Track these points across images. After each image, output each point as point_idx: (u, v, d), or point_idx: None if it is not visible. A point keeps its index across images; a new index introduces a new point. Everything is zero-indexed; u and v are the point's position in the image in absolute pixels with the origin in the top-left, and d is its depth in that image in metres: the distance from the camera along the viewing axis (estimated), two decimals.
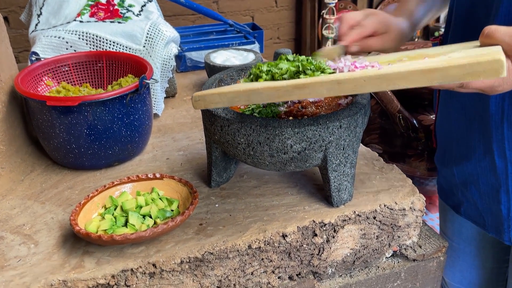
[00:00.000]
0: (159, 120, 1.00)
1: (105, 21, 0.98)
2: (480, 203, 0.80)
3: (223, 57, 1.14)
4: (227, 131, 0.62)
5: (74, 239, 0.63)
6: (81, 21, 0.98)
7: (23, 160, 0.80)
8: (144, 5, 1.05)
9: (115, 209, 0.65)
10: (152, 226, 0.62)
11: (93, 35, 0.93)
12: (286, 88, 0.50)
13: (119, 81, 0.86)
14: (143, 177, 0.70)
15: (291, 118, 0.63)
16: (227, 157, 0.73)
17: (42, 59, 0.88)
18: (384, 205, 0.68)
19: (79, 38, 0.93)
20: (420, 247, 0.75)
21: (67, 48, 0.93)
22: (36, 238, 0.63)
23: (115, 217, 0.63)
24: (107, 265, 0.58)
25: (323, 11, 2.77)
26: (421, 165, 1.42)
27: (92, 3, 1.01)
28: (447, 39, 0.81)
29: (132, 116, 0.78)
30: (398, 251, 0.75)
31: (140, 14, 1.03)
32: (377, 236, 0.71)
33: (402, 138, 1.42)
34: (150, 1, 1.06)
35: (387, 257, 0.75)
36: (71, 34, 0.93)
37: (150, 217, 0.64)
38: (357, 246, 0.70)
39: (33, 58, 0.90)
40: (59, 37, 0.92)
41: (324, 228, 0.66)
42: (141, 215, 0.64)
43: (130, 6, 1.03)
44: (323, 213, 0.67)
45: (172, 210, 0.66)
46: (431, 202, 1.86)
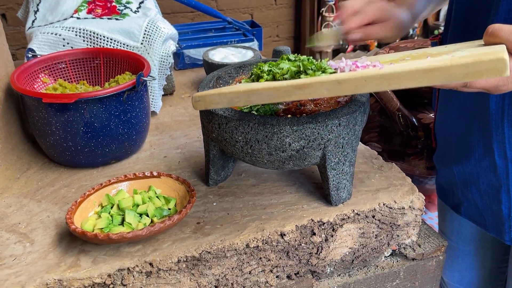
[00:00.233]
0: (157, 118, 0.99)
1: (103, 18, 0.97)
2: (481, 203, 0.79)
3: (222, 55, 1.14)
4: (225, 129, 0.61)
5: (70, 238, 0.62)
6: (78, 18, 0.97)
7: (19, 158, 0.80)
8: (142, 2, 1.04)
9: (112, 208, 0.64)
10: (149, 225, 0.61)
11: (90, 32, 0.92)
12: (287, 88, 0.49)
13: (116, 78, 0.85)
14: (140, 175, 0.69)
15: (290, 116, 0.62)
16: (225, 155, 0.72)
17: (39, 56, 0.87)
18: (383, 204, 0.68)
19: (76, 35, 0.92)
20: (419, 246, 0.75)
21: (64, 45, 0.93)
22: (32, 237, 0.63)
23: (112, 216, 0.63)
24: (104, 264, 0.57)
25: (323, 9, 2.76)
26: (421, 164, 1.41)
27: (90, 0, 1.01)
28: (447, 38, 0.80)
29: (129, 114, 0.77)
30: (397, 250, 0.74)
31: (138, 11, 1.02)
32: (376, 235, 0.70)
33: (402, 137, 1.42)
34: None
35: (386, 256, 0.75)
36: (68, 31, 0.92)
37: (147, 216, 0.63)
38: (356, 245, 0.70)
39: (30, 55, 0.89)
40: (56, 34, 0.91)
41: (323, 227, 0.65)
42: (138, 214, 0.63)
43: (128, 3, 1.03)
44: (322, 212, 0.66)
45: (169, 209, 0.65)
46: (430, 201, 1.86)
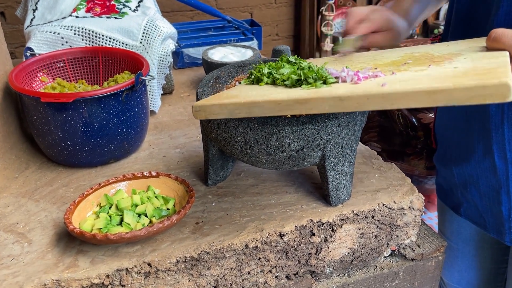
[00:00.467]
0: (156, 117, 0.99)
1: (102, 17, 0.97)
2: (481, 204, 0.79)
3: (221, 54, 1.13)
4: (224, 129, 0.61)
5: (68, 238, 0.62)
6: (77, 17, 0.96)
7: (18, 157, 0.79)
8: (141, 1, 1.03)
9: (110, 208, 0.64)
10: (148, 225, 0.61)
11: (89, 31, 0.92)
12: (288, 103, 0.50)
13: (115, 78, 0.85)
14: (139, 175, 0.69)
15: (289, 116, 0.62)
16: (224, 155, 0.72)
17: (37, 55, 0.86)
18: (383, 204, 0.68)
19: (75, 34, 0.92)
20: (419, 247, 0.75)
21: (63, 44, 0.92)
22: (30, 237, 0.62)
23: (110, 216, 0.62)
24: (102, 265, 0.57)
25: (322, 8, 2.76)
26: (420, 164, 1.41)
27: None
28: (447, 39, 0.80)
29: (128, 113, 0.77)
30: (397, 251, 0.74)
31: (137, 10, 1.02)
32: (376, 236, 0.70)
33: (401, 137, 1.42)
34: None
35: (386, 257, 0.75)
36: (67, 30, 0.92)
37: (146, 216, 0.63)
38: (355, 246, 0.69)
39: (28, 54, 0.88)
40: (55, 33, 0.91)
41: (322, 228, 0.65)
42: (137, 214, 0.63)
43: (127, 2, 1.02)
44: (321, 212, 0.66)
45: (168, 209, 0.65)
46: (430, 201, 1.86)
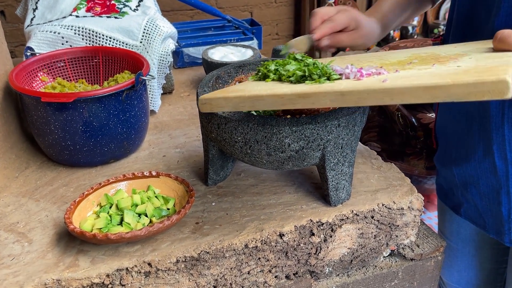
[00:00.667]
0: (156, 117, 0.99)
1: (102, 16, 0.97)
2: (480, 205, 0.79)
3: (221, 53, 1.13)
4: (224, 129, 0.61)
5: (69, 238, 0.62)
6: (77, 16, 0.96)
7: (18, 157, 0.79)
8: (141, 0, 1.03)
9: (110, 207, 0.64)
10: (148, 225, 0.61)
11: (89, 30, 0.92)
12: (290, 97, 0.50)
13: (116, 77, 0.85)
14: (139, 175, 0.69)
15: (289, 117, 0.62)
16: (224, 155, 0.72)
17: (37, 54, 0.87)
18: (382, 205, 0.68)
19: (75, 33, 0.92)
20: (418, 247, 0.75)
21: (63, 43, 0.92)
22: (30, 236, 0.63)
23: (110, 216, 0.63)
24: (102, 264, 0.57)
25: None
26: (420, 164, 1.41)
27: None
28: (448, 39, 0.80)
29: (128, 113, 0.77)
30: (396, 251, 0.74)
31: (137, 9, 1.02)
32: (375, 236, 0.70)
33: (401, 137, 1.42)
34: None
35: (385, 257, 0.75)
36: (67, 29, 0.92)
37: (146, 216, 0.63)
38: (355, 246, 0.70)
39: (28, 53, 0.88)
40: (55, 32, 0.91)
41: (322, 228, 0.65)
42: (137, 214, 0.63)
43: (127, 1, 1.02)
44: (321, 212, 0.66)
45: (168, 209, 0.65)
46: (429, 201, 1.86)
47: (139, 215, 0.63)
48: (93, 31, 0.92)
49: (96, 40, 0.93)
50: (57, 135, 0.74)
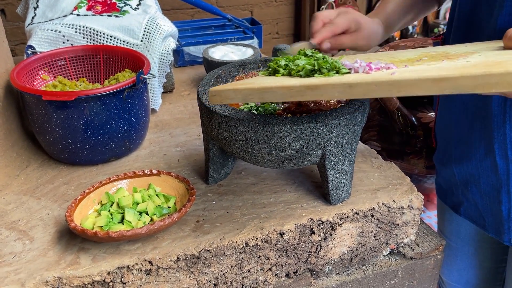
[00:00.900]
0: (157, 116, 0.99)
1: (103, 15, 0.97)
2: (481, 203, 0.80)
3: (222, 52, 1.14)
4: (225, 128, 0.61)
5: (70, 236, 0.62)
6: (78, 15, 0.97)
7: (19, 155, 0.80)
8: None
9: (111, 206, 0.65)
10: (149, 223, 0.61)
11: (90, 29, 0.92)
12: (299, 89, 0.50)
13: (116, 76, 0.85)
14: (140, 173, 0.69)
15: (290, 116, 0.62)
16: (225, 154, 0.72)
17: (38, 53, 0.87)
18: (382, 203, 0.68)
19: (76, 32, 0.92)
20: (418, 245, 0.75)
21: (64, 42, 0.92)
22: (32, 234, 0.63)
23: (111, 214, 0.63)
24: (103, 262, 0.58)
25: (323, 6, 2.76)
26: (420, 163, 1.41)
27: None
28: (449, 38, 0.80)
29: (129, 111, 0.77)
30: (396, 249, 0.75)
31: (138, 8, 1.02)
32: (375, 234, 0.70)
33: (401, 136, 1.42)
34: None
35: (385, 255, 0.75)
36: (68, 28, 0.92)
37: (147, 214, 0.63)
38: (355, 244, 0.70)
39: (29, 52, 0.89)
40: (56, 31, 0.91)
41: (322, 226, 0.66)
42: (138, 212, 0.63)
43: (128, 0, 1.02)
44: (321, 211, 0.66)
45: (169, 207, 0.66)
46: (429, 200, 1.87)
47: (140, 213, 0.63)
48: (94, 30, 0.92)
49: (97, 39, 0.93)
50: (58, 134, 0.74)
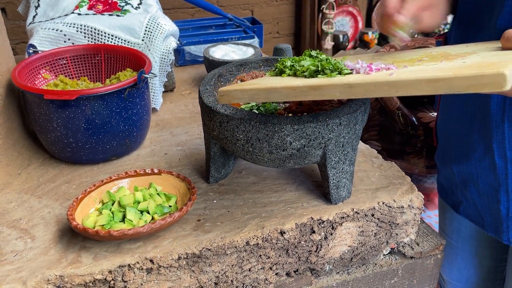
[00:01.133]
0: (157, 115, 0.99)
1: (104, 14, 0.97)
2: (479, 203, 0.80)
3: (222, 52, 1.14)
4: (226, 127, 0.61)
5: (71, 234, 0.62)
6: (79, 14, 0.97)
7: (20, 154, 0.80)
8: None
9: (113, 204, 0.65)
10: (150, 222, 0.61)
11: (91, 28, 0.92)
12: (302, 89, 0.52)
13: (117, 75, 0.86)
14: (141, 172, 0.70)
15: (291, 115, 0.62)
16: (226, 153, 0.72)
17: (40, 52, 0.87)
18: (383, 203, 0.68)
19: (77, 31, 0.92)
20: (418, 245, 0.75)
21: (65, 41, 0.93)
22: (33, 233, 0.63)
23: (113, 213, 0.63)
24: (104, 261, 0.58)
25: (323, 6, 2.76)
26: (420, 163, 1.41)
27: None
28: (450, 38, 0.81)
29: (130, 111, 0.78)
30: (396, 249, 0.75)
31: (139, 7, 1.02)
32: (375, 234, 0.71)
33: (401, 135, 1.42)
34: None
35: (385, 254, 0.75)
36: (69, 27, 0.92)
37: (148, 213, 0.64)
38: (355, 243, 0.70)
39: (31, 51, 0.89)
40: (57, 30, 0.91)
41: (322, 225, 0.66)
42: (139, 211, 0.63)
43: None
44: (322, 210, 0.66)
45: (170, 206, 0.66)
46: (429, 200, 1.87)
47: (141, 212, 0.64)
48: (95, 29, 0.92)
49: (98, 38, 0.93)
50: (60, 132, 0.74)
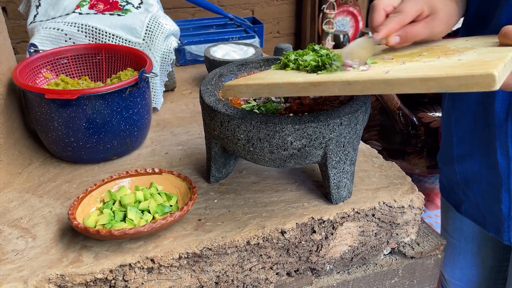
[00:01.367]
0: (158, 114, 0.99)
1: (105, 14, 0.97)
2: (481, 202, 0.80)
3: (223, 51, 1.14)
4: (227, 127, 0.61)
5: (72, 234, 0.62)
6: (80, 13, 0.97)
7: (21, 153, 0.80)
8: None
9: (114, 204, 0.65)
10: (151, 221, 0.61)
11: (92, 28, 0.92)
12: (303, 85, 0.54)
13: (118, 75, 0.86)
14: (142, 172, 0.70)
15: (292, 115, 0.62)
16: (227, 153, 0.72)
17: (41, 51, 0.87)
18: (383, 203, 0.68)
19: (78, 30, 0.92)
20: (418, 245, 0.75)
21: (66, 40, 0.93)
22: (34, 232, 0.63)
23: (114, 212, 0.63)
24: (105, 260, 0.58)
25: (324, 6, 2.76)
26: (420, 163, 1.41)
27: None
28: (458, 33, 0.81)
29: (131, 110, 0.78)
30: (396, 249, 0.75)
31: (140, 7, 1.02)
32: (376, 234, 0.71)
33: (402, 135, 1.42)
34: None
35: (385, 254, 0.75)
36: (70, 26, 0.92)
37: (149, 212, 0.64)
38: (356, 243, 0.70)
39: (32, 50, 0.89)
40: (58, 29, 0.91)
41: (323, 225, 0.66)
42: (140, 210, 0.64)
43: None
44: (322, 210, 0.66)
45: (171, 206, 0.66)
46: (430, 200, 1.87)
47: (142, 212, 0.64)
48: (96, 28, 0.92)
49: (99, 37, 0.93)
50: (60, 132, 0.74)
